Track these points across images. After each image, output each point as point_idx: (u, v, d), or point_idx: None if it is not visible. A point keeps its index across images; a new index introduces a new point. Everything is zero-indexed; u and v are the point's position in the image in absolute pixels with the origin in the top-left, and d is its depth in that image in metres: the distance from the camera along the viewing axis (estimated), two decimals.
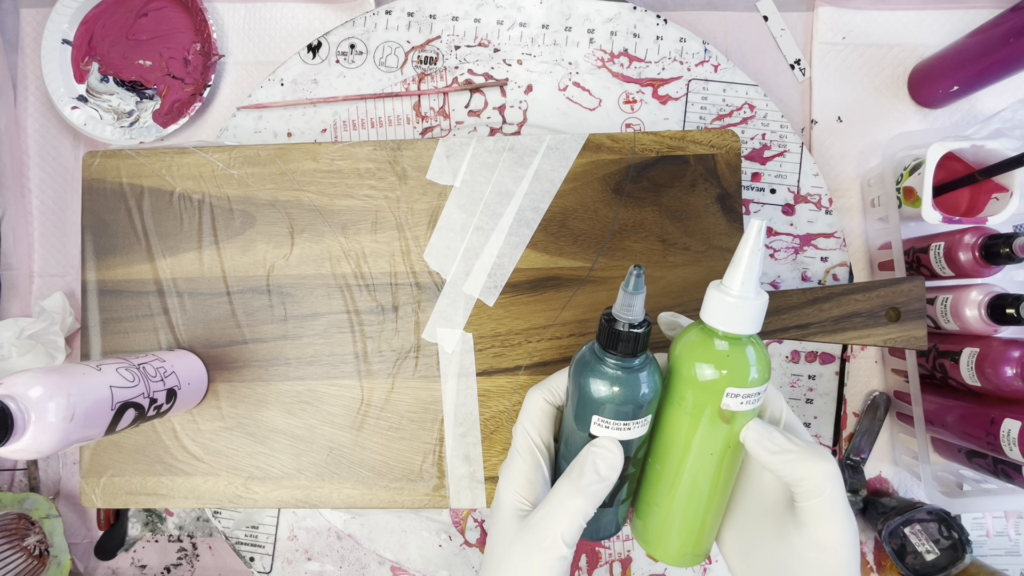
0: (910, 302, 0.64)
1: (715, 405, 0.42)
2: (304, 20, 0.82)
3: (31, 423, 0.48)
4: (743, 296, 0.41)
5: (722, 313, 0.41)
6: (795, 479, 0.42)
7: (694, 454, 0.44)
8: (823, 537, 0.41)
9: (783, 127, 0.77)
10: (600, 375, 0.42)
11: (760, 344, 0.43)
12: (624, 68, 0.78)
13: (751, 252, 0.40)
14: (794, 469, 0.41)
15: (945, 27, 0.78)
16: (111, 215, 0.70)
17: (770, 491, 0.46)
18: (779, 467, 0.42)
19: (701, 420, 0.43)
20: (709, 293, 0.42)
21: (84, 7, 0.81)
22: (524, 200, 0.68)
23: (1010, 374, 0.61)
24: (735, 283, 0.41)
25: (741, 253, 0.41)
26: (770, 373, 0.43)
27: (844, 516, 0.41)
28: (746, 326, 0.41)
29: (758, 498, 0.47)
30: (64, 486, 0.83)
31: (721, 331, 0.42)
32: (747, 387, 0.41)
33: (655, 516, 0.48)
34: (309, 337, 0.69)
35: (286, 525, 0.78)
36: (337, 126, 0.79)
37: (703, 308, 0.43)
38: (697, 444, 0.44)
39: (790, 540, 0.43)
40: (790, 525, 0.43)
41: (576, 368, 0.44)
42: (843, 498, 0.42)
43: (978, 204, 0.69)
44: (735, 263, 0.41)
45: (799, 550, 0.42)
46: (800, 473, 0.41)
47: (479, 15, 0.78)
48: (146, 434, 0.69)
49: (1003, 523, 0.78)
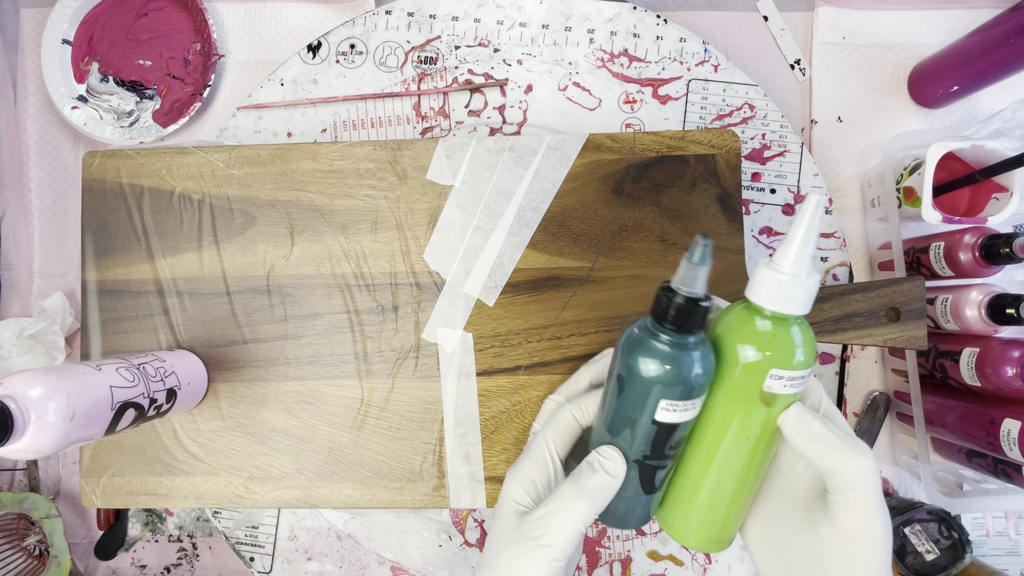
0: (910, 302, 0.64)
1: (756, 387, 0.41)
2: (304, 20, 0.82)
3: (31, 423, 0.48)
4: (795, 274, 0.39)
5: (771, 291, 0.40)
6: (830, 470, 0.41)
7: (730, 437, 0.43)
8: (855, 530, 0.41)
9: (783, 127, 0.77)
10: (651, 352, 0.40)
11: (807, 326, 0.41)
12: (624, 68, 0.78)
13: (807, 228, 0.38)
14: (830, 460, 0.41)
15: (945, 27, 0.78)
16: (111, 215, 0.70)
17: (802, 480, 0.46)
18: (815, 456, 0.41)
19: (740, 402, 0.42)
20: (758, 270, 0.40)
21: (84, 7, 0.81)
22: (524, 200, 0.68)
23: (1010, 374, 0.61)
24: (787, 260, 0.39)
25: (796, 228, 0.39)
26: (816, 357, 0.41)
27: (879, 512, 0.41)
28: (796, 306, 0.39)
29: (788, 487, 0.46)
30: (64, 486, 0.84)
31: (769, 310, 0.40)
32: (792, 369, 0.40)
33: (681, 498, 0.46)
34: (309, 337, 0.69)
35: (286, 525, 0.78)
36: (337, 126, 0.79)
37: (750, 286, 0.41)
38: (735, 427, 0.42)
39: (820, 532, 0.42)
40: (820, 516, 0.43)
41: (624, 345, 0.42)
42: (879, 494, 0.41)
43: (978, 204, 0.69)
44: (788, 239, 0.39)
45: (829, 542, 0.42)
46: (836, 465, 0.40)
47: (479, 15, 0.78)
48: (146, 434, 0.69)
49: (1003, 523, 0.78)
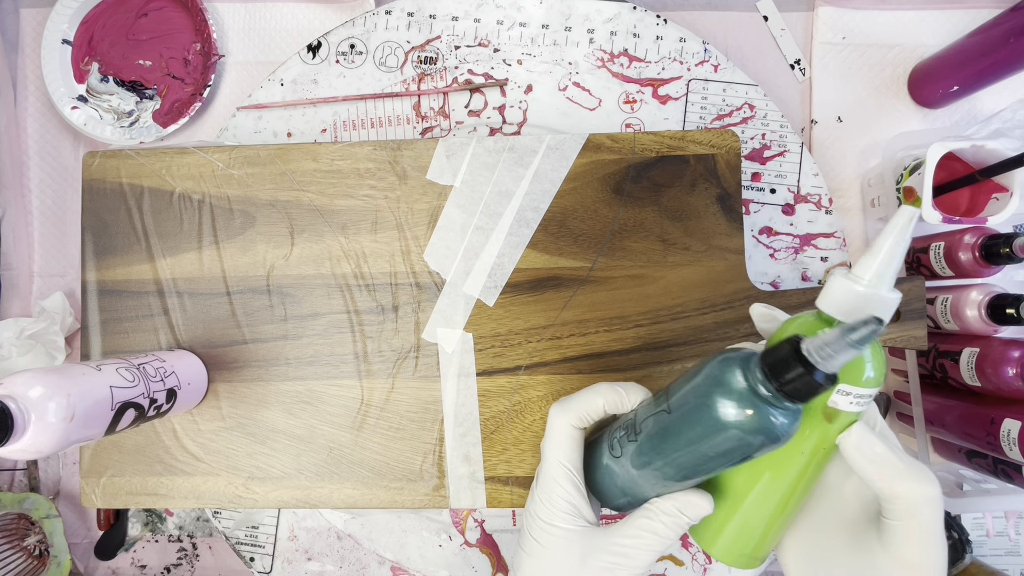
0: (910, 302, 0.64)
1: (821, 402, 0.40)
2: (304, 20, 0.82)
3: (31, 423, 0.48)
4: (875, 287, 0.37)
5: (848, 303, 0.38)
6: (892, 495, 0.40)
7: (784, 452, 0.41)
8: (913, 559, 0.40)
9: (783, 127, 0.77)
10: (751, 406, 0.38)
11: (879, 344, 0.40)
12: (624, 68, 0.78)
13: (895, 242, 0.37)
14: (893, 485, 0.39)
15: (945, 27, 0.78)
16: (111, 215, 0.70)
17: (851, 501, 0.44)
18: (877, 479, 0.40)
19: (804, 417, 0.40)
20: (835, 280, 0.39)
21: (84, 7, 0.81)
22: (524, 200, 0.68)
23: (1010, 374, 0.61)
24: (868, 272, 0.38)
25: (883, 241, 0.37)
26: (885, 377, 0.40)
27: (938, 543, 0.40)
28: None
29: (836, 507, 0.45)
30: (64, 486, 0.84)
31: None
32: (861, 387, 0.39)
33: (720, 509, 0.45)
34: (309, 337, 0.69)
35: (286, 525, 0.78)
36: (337, 126, 0.79)
37: (824, 295, 0.39)
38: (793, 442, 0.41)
39: (872, 557, 0.41)
40: (873, 541, 0.42)
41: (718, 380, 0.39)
42: (940, 525, 0.40)
43: (978, 204, 0.69)
44: (873, 251, 0.38)
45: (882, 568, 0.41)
46: (899, 491, 0.39)
47: (479, 15, 0.78)
48: (146, 434, 0.69)
49: (1003, 523, 0.78)
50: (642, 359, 0.67)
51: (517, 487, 0.68)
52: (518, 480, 0.68)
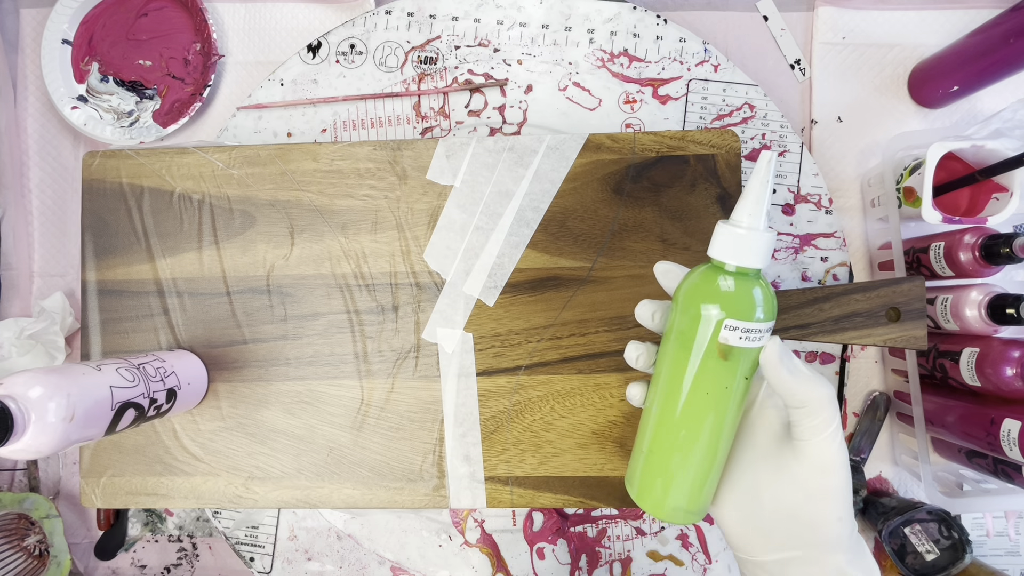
0: (910, 302, 0.64)
1: (715, 340, 0.42)
2: (304, 20, 0.82)
3: (31, 423, 0.48)
4: (751, 227, 0.41)
5: (729, 245, 0.42)
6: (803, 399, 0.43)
7: (691, 394, 0.44)
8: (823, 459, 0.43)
9: (783, 127, 0.77)
10: None
11: (767, 286, 0.43)
12: (624, 68, 0.78)
13: (761, 184, 0.41)
14: (805, 389, 0.43)
15: (945, 27, 0.78)
16: (111, 215, 0.70)
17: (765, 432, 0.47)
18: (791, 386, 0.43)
19: (699, 356, 0.43)
20: (717, 229, 0.43)
21: (84, 7, 0.81)
22: (524, 200, 0.68)
23: (1010, 374, 0.61)
24: (743, 215, 0.42)
25: (751, 185, 0.41)
26: (775, 313, 0.43)
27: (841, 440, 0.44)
28: (754, 258, 0.41)
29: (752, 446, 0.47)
30: (64, 486, 0.83)
31: (729, 264, 0.42)
32: (750, 321, 0.41)
33: (648, 463, 0.47)
34: (309, 337, 0.69)
35: (286, 525, 0.78)
36: (337, 126, 0.79)
37: (712, 244, 0.43)
38: (694, 383, 0.43)
39: (790, 473, 0.44)
40: (789, 459, 0.44)
41: None
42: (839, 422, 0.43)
43: (978, 204, 0.69)
44: (745, 196, 0.42)
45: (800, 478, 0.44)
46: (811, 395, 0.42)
47: (479, 15, 0.78)
48: (146, 434, 0.69)
49: (1003, 523, 0.77)
50: None
51: (517, 487, 0.68)
52: (518, 480, 0.68)
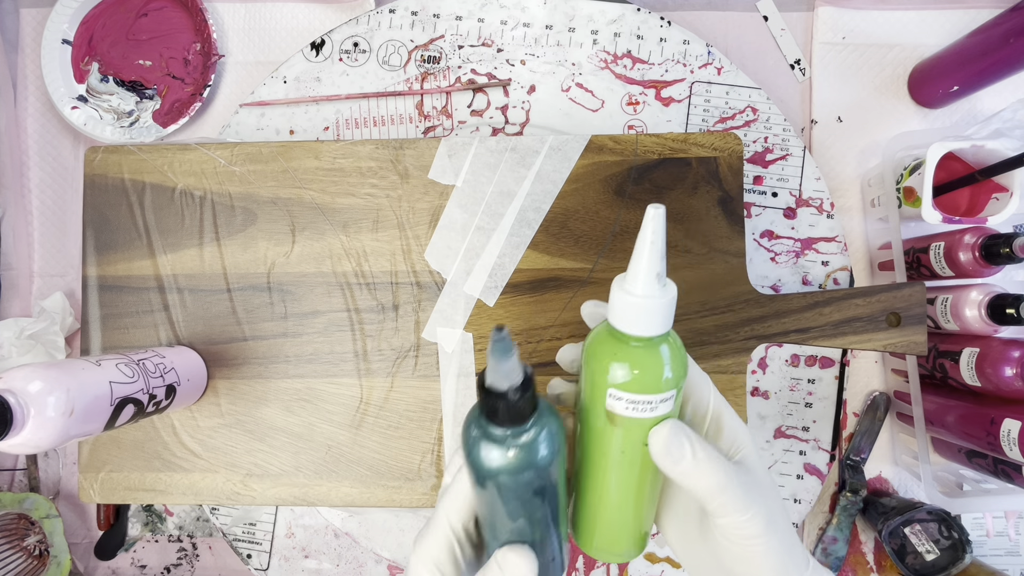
0: (911, 307, 0.64)
1: (602, 405, 0.39)
2: (304, 20, 0.83)
3: (30, 417, 0.48)
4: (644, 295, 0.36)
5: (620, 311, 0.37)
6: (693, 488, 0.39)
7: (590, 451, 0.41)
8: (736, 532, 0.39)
9: (785, 131, 0.77)
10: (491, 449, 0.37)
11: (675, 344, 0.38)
12: (627, 70, 0.78)
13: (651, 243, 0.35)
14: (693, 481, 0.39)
15: (945, 27, 0.78)
16: (112, 211, 0.70)
17: None
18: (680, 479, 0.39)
19: (591, 417, 0.40)
20: (614, 292, 0.38)
21: (84, 7, 0.82)
22: (526, 200, 0.68)
23: (1010, 374, 0.61)
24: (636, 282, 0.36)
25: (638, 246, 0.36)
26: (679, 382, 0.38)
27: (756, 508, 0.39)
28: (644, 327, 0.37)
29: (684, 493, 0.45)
30: (64, 486, 0.83)
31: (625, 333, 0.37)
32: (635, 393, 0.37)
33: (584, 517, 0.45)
34: (309, 335, 0.69)
35: (284, 523, 0.78)
36: (339, 124, 0.79)
37: (609, 308, 0.38)
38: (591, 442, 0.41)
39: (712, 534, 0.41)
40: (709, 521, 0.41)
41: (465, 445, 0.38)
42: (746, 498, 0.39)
43: (978, 204, 0.70)
44: (634, 258, 0.36)
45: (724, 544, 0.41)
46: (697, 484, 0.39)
47: (483, 15, 0.79)
48: (145, 430, 0.69)
49: (1003, 523, 0.77)
50: None
51: None
52: None
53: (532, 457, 0.37)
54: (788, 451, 0.76)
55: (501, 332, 0.32)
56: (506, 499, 0.39)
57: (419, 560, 0.42)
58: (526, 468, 0.37)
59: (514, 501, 0.39)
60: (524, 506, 0.39)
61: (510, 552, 0.40)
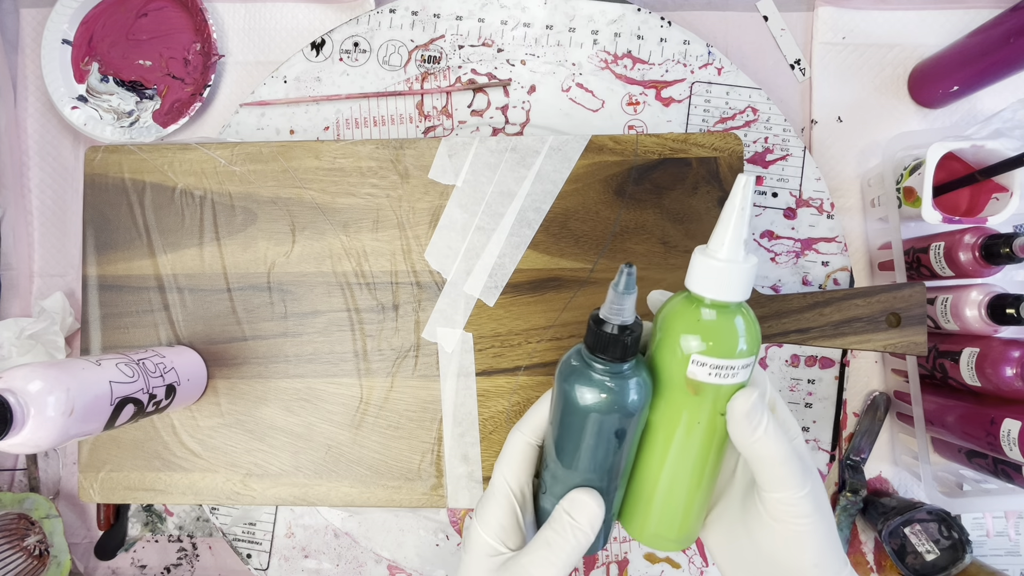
0: (911, 308, 0.64)
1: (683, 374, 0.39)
2: (304, 20, 0.83)
3: (30, 417, 0.48)
4: (729, 259, 0.38)
5: (705, 278, 0.39)
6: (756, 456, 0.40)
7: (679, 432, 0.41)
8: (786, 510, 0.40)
9: (786, 131, 0.77)
10: (587, 381, 0.39)
11: (750, 320, 0.40)
12: (627, 70, 0.78)
13: (737, 210, 0.37)
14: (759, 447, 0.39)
15: (945, 27, 0.78)
16: (112, 210, 0.70)
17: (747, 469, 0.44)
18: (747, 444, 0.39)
19: (670, 389, 0.40)
20: (696, 258, 0.39)
21: (84, 7, 0.81)
22: (526, 200, 0.68)
23: (1010, 374, 0.61)
24: (720, 245, 0.38)
25: (727, 212, 0.38)
26: (757, 348, 0.40)
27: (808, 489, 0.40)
28: (731, 292, 0.38)
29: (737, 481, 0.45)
30: (64, 486, 0.83)
31: (707, 298, 0.39)
32: (720, 358, 0.38)
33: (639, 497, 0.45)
34: (309, 335, 0.69)
35: (283, 522, 0.78)
36: (340, 124, 0.79)
37: (689, 274, 0.40)
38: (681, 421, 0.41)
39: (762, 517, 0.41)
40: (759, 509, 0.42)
41: (561, 373, 0.40)
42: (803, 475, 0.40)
43: (978, 204, 0.70)
44: (721, 223, 0.38)
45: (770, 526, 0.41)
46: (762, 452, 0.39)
47: (483, 15, 0.79)
48: (145, 430, 0.69)
49: (1003, 523, 0.77)
50: None
51: None
52: None
53: (623, 399, 0.39)
54: None
55: (631, 267, 0.36)
56: (588, 438, 0.41)
57: (484, 528, 0.44)
58: (615, 407, 0.39)
59: (595, 441, 0.41)
60: (602, 449, 0.41)
61: (581, 493, 0.42)
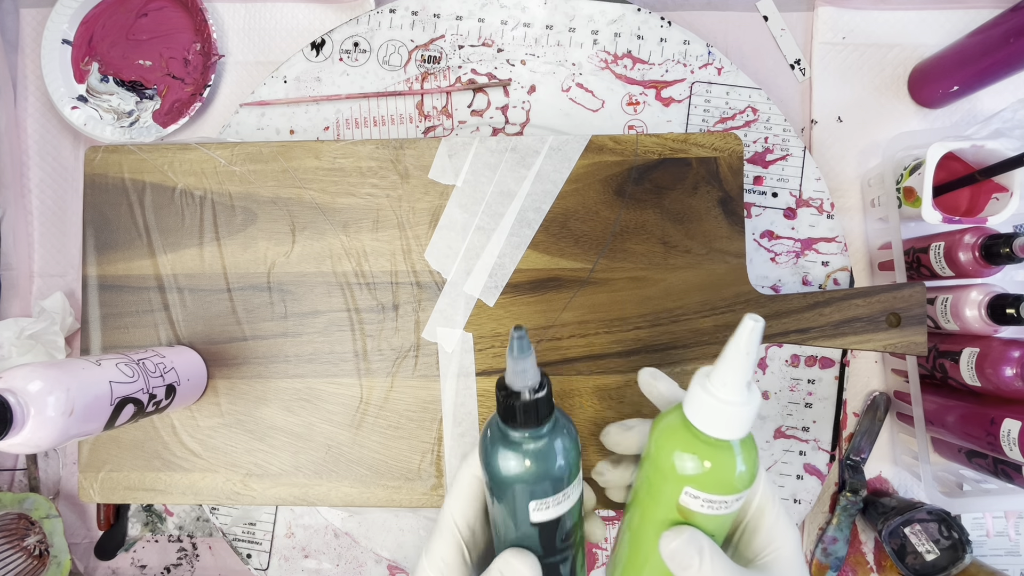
0: (911, 308, 0.64)
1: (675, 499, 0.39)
2: (304, 20, 0.83)
3: (30, 417, 0.48)
4: (727, 400, 0.36)
5: (702, 412, 0.37)
6: None
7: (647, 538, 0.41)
8: None
9: (786, 131, 0.77)
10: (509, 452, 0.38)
11: (749, 451, 0.38)
12: (627, 70, 0.78)
13: (742, 353, 0.35)
14: None
15: (945, 27, 0.78)
16: (112, 210, 0.70)
17: None
18: None
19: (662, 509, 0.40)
20: (693, 384, 0.38)
21: (84, 7, 0.81)
22: (526, 200, 0.68)
23: (1010, 374, 0.61)
24: (721, 385, 0.36)
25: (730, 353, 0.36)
26: (751, 481, 0.38)
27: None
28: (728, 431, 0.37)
29: None
30: (64, 486, 0.83)
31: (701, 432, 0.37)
32: (712, 494, 0.37)
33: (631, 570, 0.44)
34: (309, 335, 0.69)
35: (283, 522, 0.78)
36: (340, 124, 0.79)
37: (687, 400, 0.38)
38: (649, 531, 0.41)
39: None
40: None
41: (482, 446, 0.39)
42: None
43: (978, 204, 0.70)
44: (725, 362, 0.36)
45: None
46: None
47: (483, 15, 0.79)
48: (145, 430, 0.69)
49: (1003, 523, 0.77)
50: (642, 361, 0.67)
51: None
52: None
53: (548, 465, 0.37)
54: (788, 451, 0.76)
55: (520, 331, 0.34)
56: (519, 505, 0.39)
57: (429, 561, 0.42)
58: (541, 476, 0.37)
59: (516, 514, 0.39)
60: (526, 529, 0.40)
61: (514, 556, 0.40)
